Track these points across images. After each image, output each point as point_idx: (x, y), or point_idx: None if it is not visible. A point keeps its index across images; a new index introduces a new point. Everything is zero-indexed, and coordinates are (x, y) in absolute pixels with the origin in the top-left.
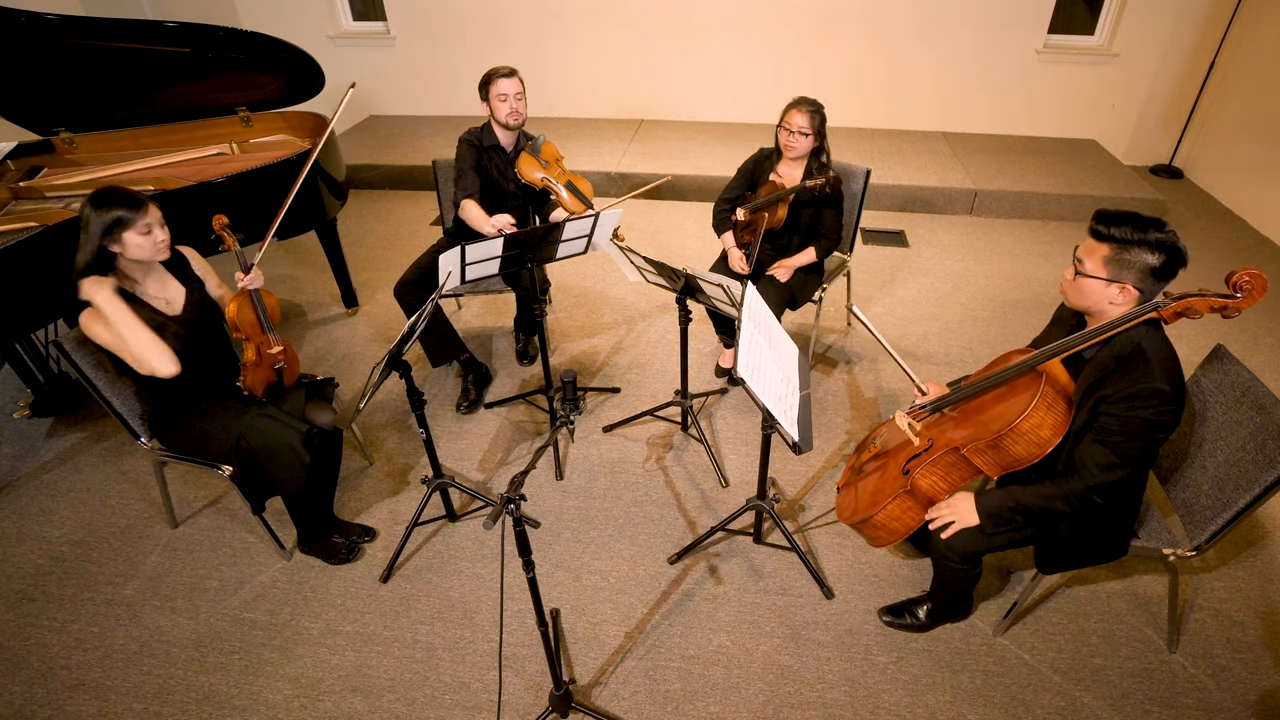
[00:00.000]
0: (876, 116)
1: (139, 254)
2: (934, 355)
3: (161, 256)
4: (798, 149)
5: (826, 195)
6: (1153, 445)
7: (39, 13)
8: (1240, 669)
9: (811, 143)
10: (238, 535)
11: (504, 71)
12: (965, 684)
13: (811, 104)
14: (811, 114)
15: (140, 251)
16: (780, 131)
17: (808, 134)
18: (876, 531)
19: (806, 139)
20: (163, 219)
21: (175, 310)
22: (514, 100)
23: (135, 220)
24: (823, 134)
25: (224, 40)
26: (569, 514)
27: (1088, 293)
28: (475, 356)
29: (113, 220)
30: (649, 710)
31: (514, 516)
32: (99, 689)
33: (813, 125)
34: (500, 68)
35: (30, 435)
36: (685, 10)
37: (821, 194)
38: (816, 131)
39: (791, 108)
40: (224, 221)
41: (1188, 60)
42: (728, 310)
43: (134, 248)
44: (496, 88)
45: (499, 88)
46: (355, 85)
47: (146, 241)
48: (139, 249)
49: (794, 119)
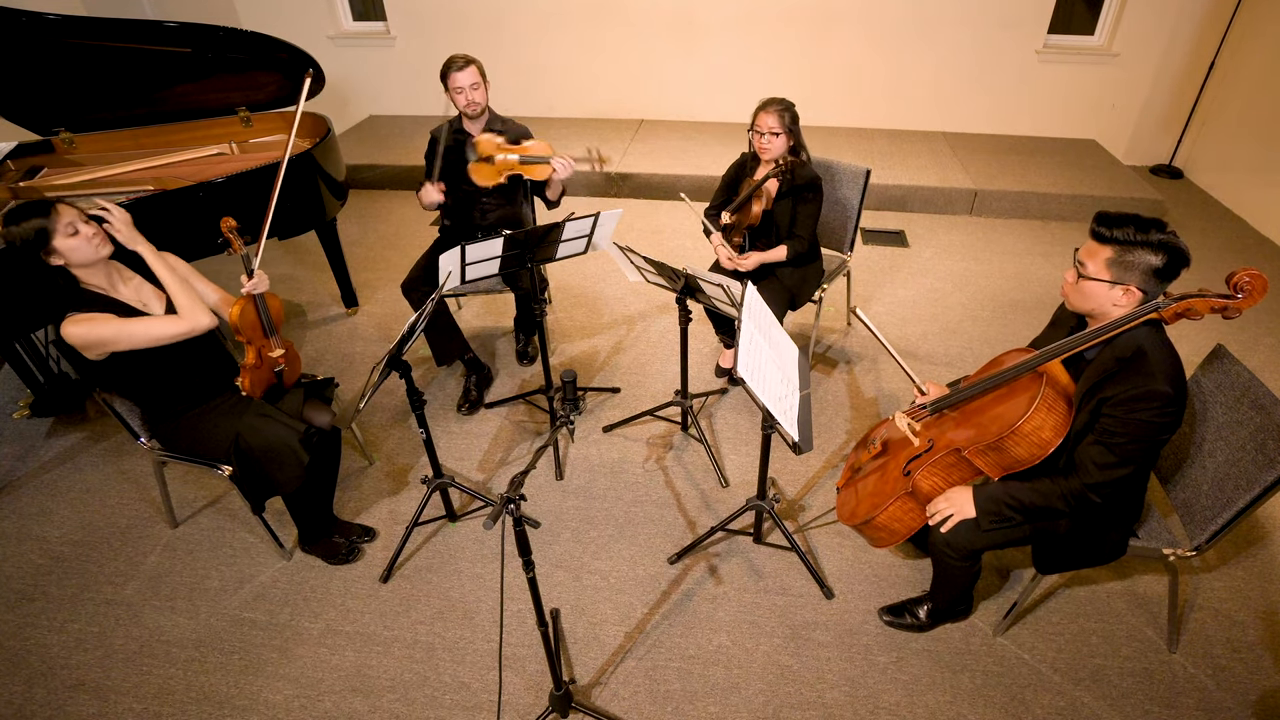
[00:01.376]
0: (876, 116)
1: (79, 256)
2: (934, 355)
3: (105, 251)
4: (771, 150)
5: (798, 186)
6: (1154, 446)
7: (40, 13)
8: (1240, 669)
9: (785, 142)
10: (238, 535)
11: (458, 64)
12: (965, 684)
13: (780, 103)
14: (780, 113)
15: (79, 254)
16: (752, 135)
17: (778, 133)
18: (878, 533)
19: (779, 139)
20: (82, 215)
21: (156, 313)
22: (470, 91)
23: (54, 225)
24: (795, 131)
25: (224, 40)
26: (569, 514)
27: (1091, 295)
28: (479, 357)
29: (34, 231)
30: (649, 710)
31: (514, 516)
32: (99, 689)
33: (782, 124)
34: (456, 59)
35: (30, 435)
36: (685, 10)
37: (784, 177)
38: (788, 130)
39: (759, 110)
40: (232, 224)
41: (1188, 60)
42: (728, 310)
43: (70, 250)
44: (451, 82)
45: (453, 81)
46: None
47: (79, 241)
48: (75, 251)
49: (762, 120)
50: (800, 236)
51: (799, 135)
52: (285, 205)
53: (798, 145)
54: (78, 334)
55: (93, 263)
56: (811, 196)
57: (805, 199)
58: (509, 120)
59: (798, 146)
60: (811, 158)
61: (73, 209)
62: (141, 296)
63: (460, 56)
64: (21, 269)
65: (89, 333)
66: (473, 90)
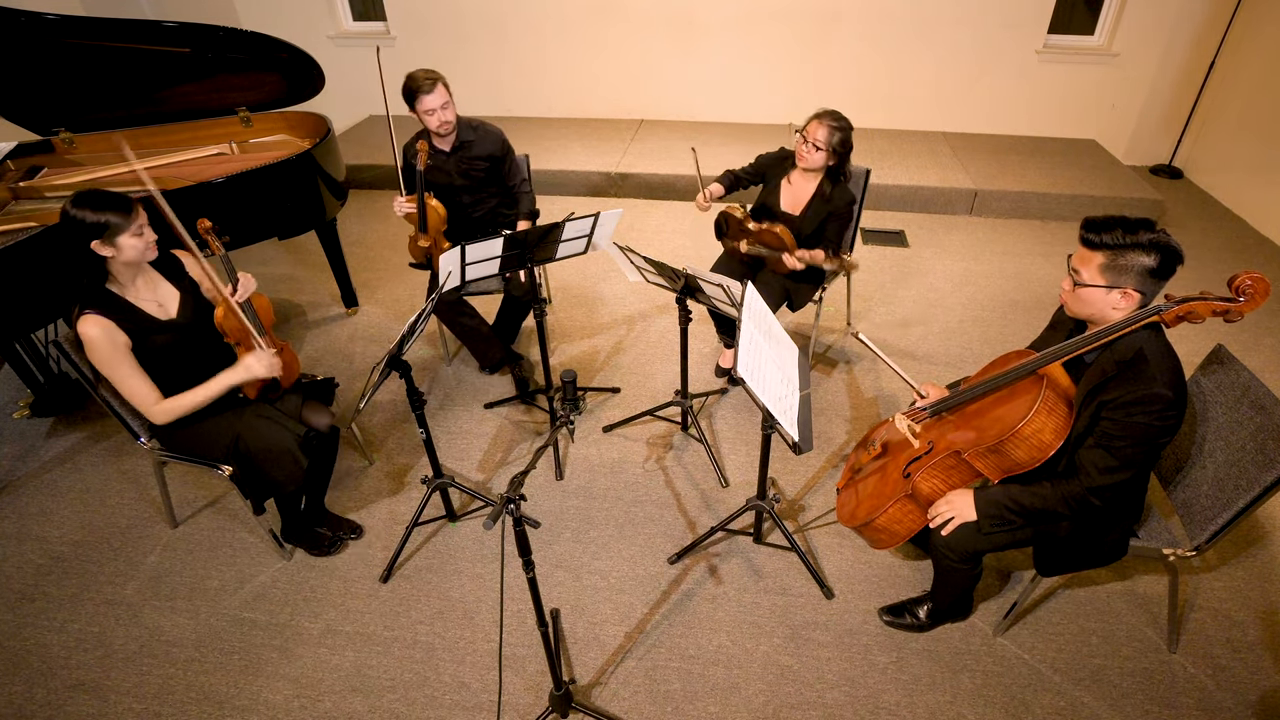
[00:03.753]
0: (876, 116)
1: (130, 255)
2: (934, 355)
3: (150, 256)
4: (810, 162)
5: (835, 207)
6: (1154, 449)
7: (39, 13)
8: (1240, 669)
9: (825, 159)
10: (238, 535)
11: (426, 86)
12: (965, 684)
13: (837, 119)
14: (832, 129)
15: (133, 253)
16: (798, 138)
17: (821, 149)
18: (878, 534)
19: (820, 154)
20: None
21: (169, 314)
22: (441, 112)
23: (128, 224)
24: (841, 154)
25: (224, 40)
26: (569, 514)
27: (1089, 301)
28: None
29: (105, 225)
30: (649, 710)
31: (514, 516)
32: (99, 689)
33: (829, 142)
34: (419, 79)
35: (30, 435)
36: (685, 10)
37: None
38: (833, 149)
39: (815, 118)
40: (206, 225)
41: (1188, 60)
42: (728, 310)
43: (128, 249)
44: (420, 104)
45: (422, 104)
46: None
47: (140, 243)
48: (133, 250)
49: (813, 130)
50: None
51: (844, 159)
52: (285, 205)
53: (839, 169)
54: (88, 336)
55: (136, 264)
56: (846, 214)
57: (839, 216)
58: (481, 124)
59: (839, 169)
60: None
61: (144, 212)
62: (158, 296)
63: (423, 74)
64: (21, 269)
65: (94, 341)
66: (444, 110)
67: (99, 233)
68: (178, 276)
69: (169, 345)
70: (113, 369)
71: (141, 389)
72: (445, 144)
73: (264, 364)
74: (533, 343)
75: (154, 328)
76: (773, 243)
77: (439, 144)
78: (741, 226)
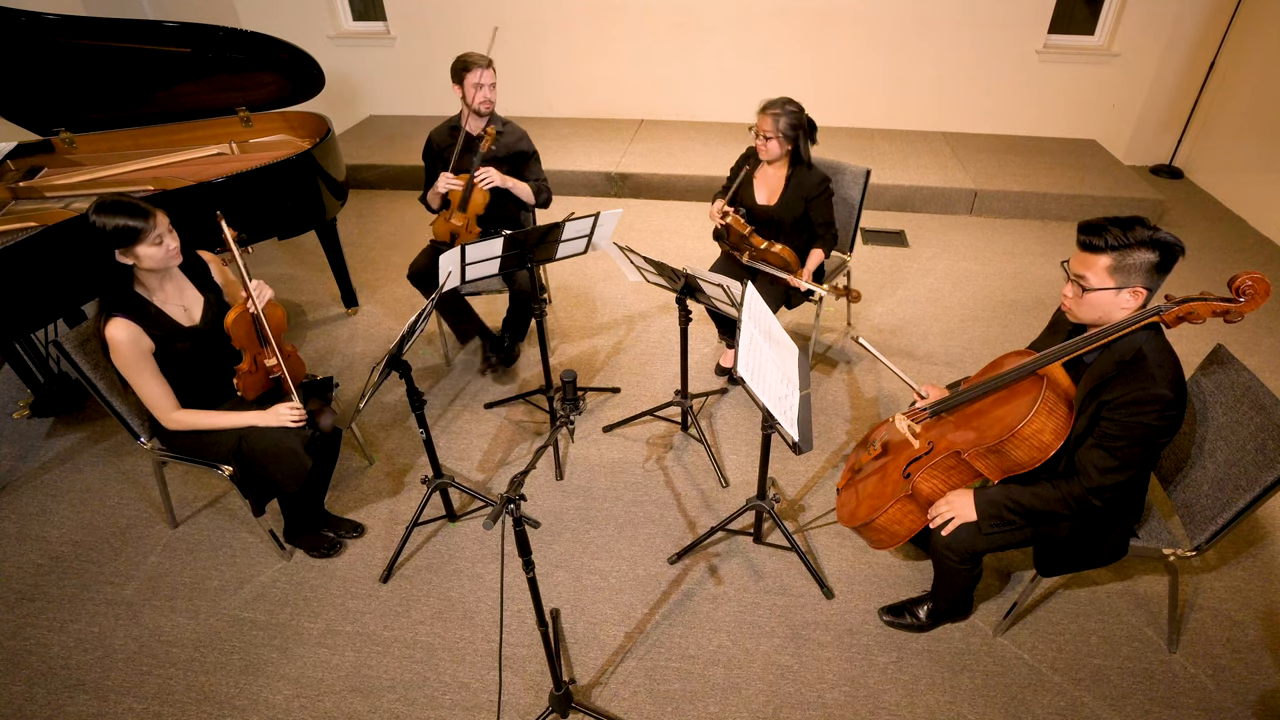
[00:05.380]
0: (876, 116)
1: (152, 263)
2: (934, 355)
3: (174, 263)
4: (768, 153)
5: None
6: (1154, 450)
7: (39, 13)
8: (1240, 669)
9: (780, 146)
10: (238, 535)
11: (483, 62)
12: (965, 684)
13: (777, 106)
14: (775, 116)
15: (154, 261)
16: (752, 134)
17: (772, 137)
18: (878, 534)
19: (772, 142)
20: (170, 225)
21: (193, 319)
22: (488, 89)
23: (147, 232)
24: (793, 137)
25: (224, 40)
26: (569, 514)
27: (1098, 305)
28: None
29: (123, 233)
30: (649, 710)
31: (514, 516)
32: (99, 689)
33: (776, 128)
34: (478, 56)
35: (30, 435)
36: (685, 10)
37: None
38: (784, 135)
39: (760, 111)
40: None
41: (1188, 60)
42: (728, 310)
43: (147, 258)
44: (473, 75)
45: (475, 76)
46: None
47: (159, 251)
48: (152, 259)
49: (761, 124)
50: (827, 225)
51: (800, 141)
52: (285, 205)
53: (797, 152)
54: (115, 339)
55: (160, 270)
56: (822, 194)
57: (816, 197)
58: (510, 122)
59: (797, 154)
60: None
61: (166, 217)
62: (185, 301)
63: (481, 55)
64: (21, 269)
65: (119, 345)
66: (490, 89)
67: (119, 241)
68: (203, 281)
69: (189, 351)
70: (135, 373)
71: (160, 395)
72: (477, 125)
73: (292, 418)
74: (533, 343)
75: (178, 334)
76: (776, 262)
77: (472, 124)
78: (745, 239)
